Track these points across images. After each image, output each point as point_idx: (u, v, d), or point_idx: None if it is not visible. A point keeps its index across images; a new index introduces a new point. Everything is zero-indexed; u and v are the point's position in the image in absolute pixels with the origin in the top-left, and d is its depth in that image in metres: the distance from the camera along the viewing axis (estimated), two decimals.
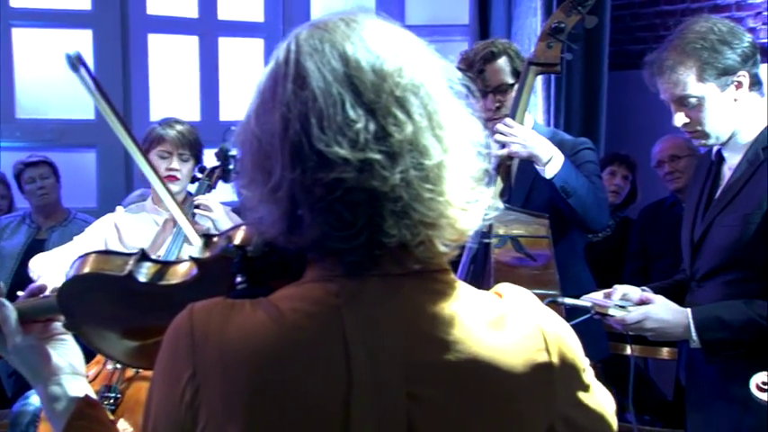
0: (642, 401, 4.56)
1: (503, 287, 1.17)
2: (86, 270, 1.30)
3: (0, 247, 4.49)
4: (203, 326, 1.06)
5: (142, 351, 1.31)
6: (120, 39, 4.80)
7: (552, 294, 2.68)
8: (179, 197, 3.35)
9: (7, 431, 3.25)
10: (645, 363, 4.76)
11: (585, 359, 1.16)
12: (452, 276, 1.12)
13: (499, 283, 1.19)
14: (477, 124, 1.12)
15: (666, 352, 3.95)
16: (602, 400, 1.18)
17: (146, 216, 3.34)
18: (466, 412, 1.06)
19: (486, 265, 2.84)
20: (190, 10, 5.05)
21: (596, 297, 2.45)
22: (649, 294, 2.41)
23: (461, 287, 1.11)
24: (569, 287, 2.81)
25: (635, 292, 2.43)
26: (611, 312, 2.37)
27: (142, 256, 1.29)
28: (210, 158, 3.38)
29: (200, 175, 3.37)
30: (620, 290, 2.43)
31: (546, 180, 2.90)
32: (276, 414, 1.03)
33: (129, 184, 4.91)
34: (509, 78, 3.06)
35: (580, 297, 2.47)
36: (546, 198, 2.96)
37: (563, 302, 2.44)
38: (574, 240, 3.11)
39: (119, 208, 3.40)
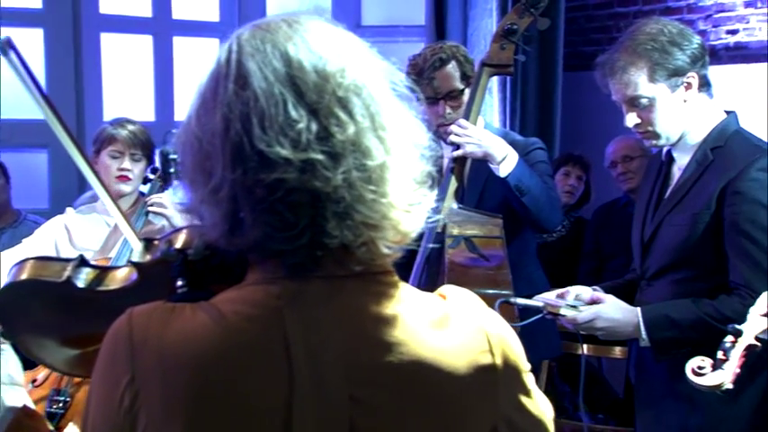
0: (596, 400, 4.60)
1: (446, 289, 1.17)
2: (23, 277, 1.27)
3: None
4: (142, 330, 1.05)
5: (82, 359, 1.29)
6: (73, 38, 4.73)
7: (505, 294, 2.70)
8: (131, 197, 3.32)
9: None
10: (598, 362, 4.80)
11: (527, 363, 1.16)
12: (395, 278, 1.11)
13: (443, 285, 1.19)
14: (421, 126, 1.12)
15: (619, 351, 3.98)
16: (542, 404, 1.18)
17: (97, 217, 3.30)
18: (409, 414, 1.06)
19: (441, 265, 2.85)
20: (143, 9, 4.99)
21: (549, 297, 2.47)
22: (600, 294, 2.43)
23: (404, 289, 1.11)
24: (522, 287, 2.82)
25: (587, 292, 2.45)
26: (562, 312, 2.38)
27: (81, 261, 1.27)
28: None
29: (152, 176, 3.34)
30: (573, 291, 2.45)
31: (499, 180, 2.92)
32: (216, 418, 1.01)
33: (81, 184, 4.83)
34: (459, 84, 3.06)
35: (533, 297, 2.49)
36: (499, 198, 2.98)
37: (516, 303, 2.45)
38: (527, 240, 3.13)
39: (69, 209, 3.36)
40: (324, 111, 1.03)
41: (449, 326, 1.10)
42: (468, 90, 3.05)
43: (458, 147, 2.91)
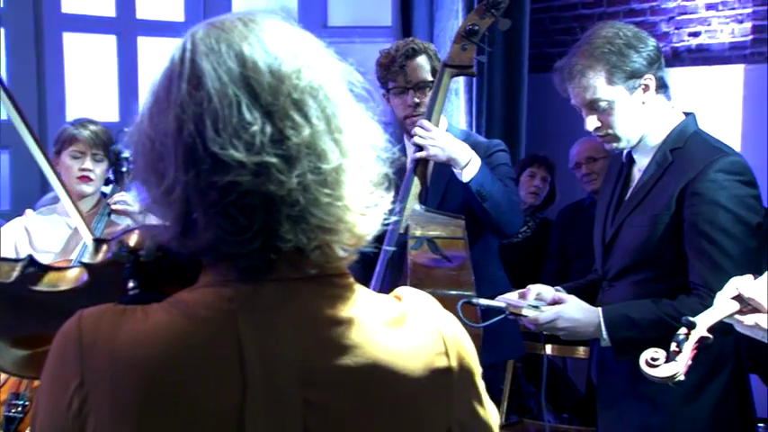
0: (560, 400, 4.63)
1: (402, 290, 1.16)
2: None
3: None
4: (92, 333, 1.03)
5: (32, 361, 1.27)
6: (34, 37, 4.68)
7: (468, 295, 2.70)
8: (93, 198, 3.29)
9: None
10: (563, 362, 4.82)
11: (479, 366, 1.16)
12: (351, 280, 1.11)
13: (404, 286, 1.18)
14: (378, 128, 1.11)
15: (583, 351, 4.00)
16: (491, 410, 1.18)
17: (57, 218, 3.27)
18: (364, 417, 1.05)
19: (403, 266, 2.85)
20: (107, 8, 4.95)
21: (511, 297, 2.47)
22: (562, 294, 2.44)
23: (360, 291, 1.10)
24: (485, 287, 2.83)
25: (548, 291, 2.45)
26: (524, 312, 2.39)
27: (29, 261, 1.26)
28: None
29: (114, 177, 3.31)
30: (534, 290, 2.45)
31: (461, 182, 2.92)
32: (167, 422, 1.00)
33: (44, 186, 4.78)
34: (429, 76, 3.07)
35: (495, 297, 2.49)
36: (462, 199, 2.98)
37: (478, 303, 2.46)
38: (489, 241, 3.14)
39: (28, 211, 3.31)
40: (279, 113, 1.02)
41: (404, 327, 1.09)
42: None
43: (421, 148, 2.91)
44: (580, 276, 2.83)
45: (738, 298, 1.73)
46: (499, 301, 2.44)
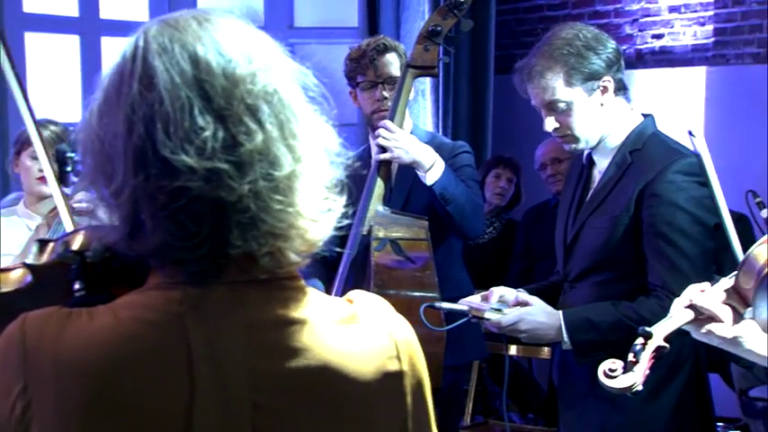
0: (526, 400, 4.65)
1: (354, 294, 1.15)
2: None
3: None
4: (36, 336, 1.01)
5: None
6: None
7: (431, 297, 2.71)
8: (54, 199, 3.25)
9: None
10: (529, 363, 4.85)
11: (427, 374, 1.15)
12: (301, 283, 1.09)
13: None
14: (331, 132, 1.10)
15: (548, 351, 4.02)
16: (432, 416, 1.17)
17: (17, 220, 3.23)
18: (314, 419, 1.04)
19: (366, 267, 2.85)
20: (70, 8, 4.90)
21: (473, 300, 2.46)
22: (525, 296, 2.44)
23: (310, 293, 1.09)
24: (448, 289, 2.83)
25: (511, 294, 2.45)
26: (486, 316, 2.39)
27: None
28: None
29: (76, 178, 3.27)
30: (496, 292, 2.45)
31: (425, 184, 2.92)
32: (112, 427, 0.99)
33: (6, 187, 4.73)
34: (398, 73, 3.07)
35: (459, 298, 2.49)
36: (425, 201, 2.98)
37: (440, 307, 2.46)
38: (453, 242, 3.14)
39: None
40: (232, 118, 1.00)
41: (355, 330, 1.08)
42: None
43: (384, 149, 2.91)
44: (545, 277, 2.84)
45: (693, 307, 1.75)
46: (461, 305, 2.44)
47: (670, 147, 2.40)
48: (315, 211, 1.06)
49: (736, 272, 1.73)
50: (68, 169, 3.09)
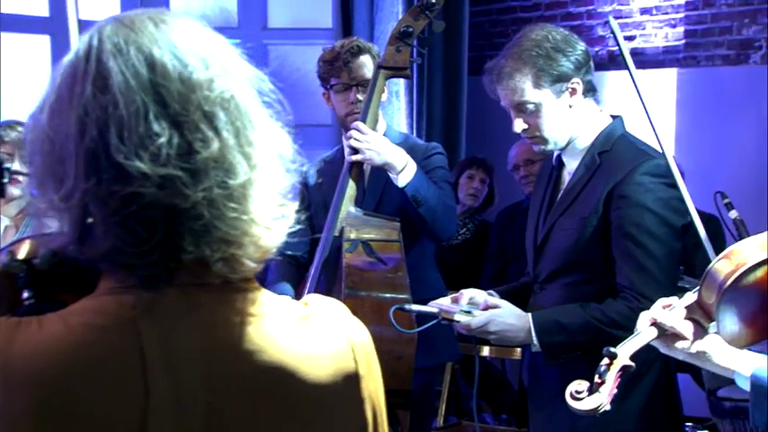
0: (499, 401, 4.66)
1: (310, 297, 1.14)
2: None
3: None
4: None
5: None
6: None
7: (402, 298, 2.71)
8: (23, 200, 3.22)
9: None
10: (502, 364, 4.85)
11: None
12: (255, 284, 1.08)
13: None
14: (287, 138, 1.09)
15: (520, 353, 4.03)
16: (385, 420, 1.16)
17: None
18: (270, 422, 1.03)
19: (338, 269, 2.84)
20: (41, 8, 4.87)
21: (443, 303, 2.47)
22: (495, 299, 2.44)
23: (265, 296, 1.08)
24: (421, 290, 2.83)
25: (481, 296, 2.45)
26: (456, 318, 2.39)
27: None
28: None
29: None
30: (466, 294, 2.45)
31: (398, 186, 2.92)
32: None
33: None
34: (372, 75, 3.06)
35: (431, 300, 2.49)
36: (398, 202, 2.98)
37: (410, 310, 2.45)
38: (425, 244, 3.14)
39: None
40: (188, 125, 0.99)
41: (311, 332, 1.07)
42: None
43: (356, 150, 2.90)
44: (518, 278, 2.85)
45: (657, 324, 1.76)
46: (431, 307, 2.44)
47: (638, 148, 2.41)
48: (269, 218, 1.05)
49: (698, 286, 1.74)
50: (5, 181, 3.03)
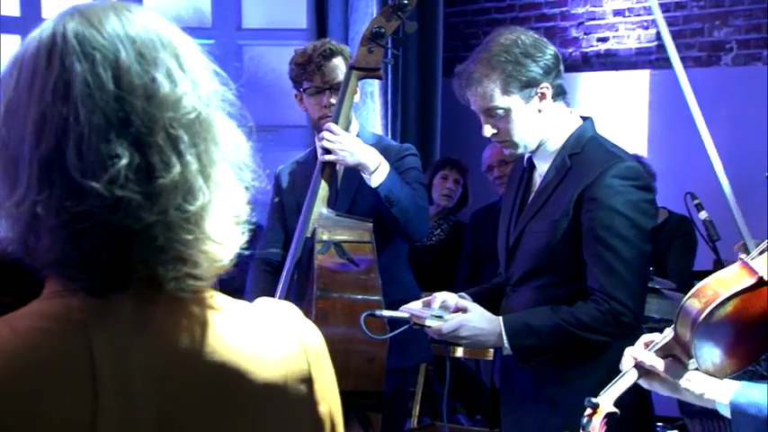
0: (473, 402, 4.67)
1: (263, 300, 1.12)
2: None
3: None
4: None
5: None
6: None
7: (374, 300, 2.71)
8: None
9: None
10: (476, 364, 4.86)
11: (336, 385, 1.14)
12: (208, 290, 1.06)
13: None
14: (247, 150, 1.06)
15: (493, 354, 4.04)
16: (341, 422, 1.15)
17: None
18: (222, 426, 1.02)
19: (310, 270, 2.83)
20: (11, 8, 4.83)
21: (415, 307, 2.46)
22: (466, 303, 2.44)
23: (218, 299, 1.06)
24: (394, 291, 2.83)
25: (453, 299, 2.45)
26: (427, 323, 2.38)
27: None
28: None
29: None
30: (439, 298, 2.45)
31: (371, 186, 2.91)
32: None
33: None
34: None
35: (405, 301, 2.49)
36: (371, 203, 2.98)
37: (381, 315, 2.45)
38: (398, 245, 3.14)
39: None
40: (150, 148, 0.95)
41: (263, 336, 1.06)
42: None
43: (329, 151, 2.90)
44: (491, 279, 2.85)
45: (638, 365, 1.78)
46: (402, 312, 2.43)
47: (608, 150, 2.42)
48: (224, 235, 1.02)
49: (673, 324, 1.75)
50: None
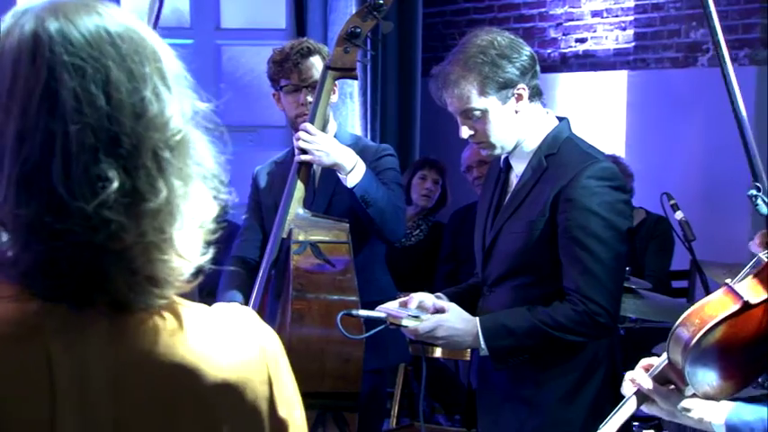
0: (452, 403, 4.67)
1: (222, 305, 1.11)
2: None
3: None
4: None
5: None
6: None
7: (350, 300, 2.70)
8: None
9: None
10: (455, 365, 4.86)
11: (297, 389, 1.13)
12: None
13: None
14: (220, 165, 1.05)
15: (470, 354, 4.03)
16: (305, 426, 1.14)
17: None
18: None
19: (287, 271, 2.82)
20: None
21: (392, 307, 2.45)
22: (443, 303, 2.43)
23: (176, 304, 1.04)
24: (371, 292, 2.83)
25: (430, 299, 2.45)
26: (404, 323, 2.38)
27: None
28: None
29: None
30: (416, 298, 2.44)
31: (348, 187, 2.91)
32: None
33: None
34: None
35: (382, 302, 2.48)
36: (348, 204, 2.97)
37: (358, 315, 2.44)
38: (376, 246, 3.14)
39: None
40: (138, 171, 0.94)
41: (221, 341, 1.04)
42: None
43: (305, 151, 2.89)
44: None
45: (639, 393, 1.77)
46: (379, 312, 2.42)
47: (584, 151, 2.42)
48: (193, 252, 1.01)
49: (666, 350, 1.74)
50: None
